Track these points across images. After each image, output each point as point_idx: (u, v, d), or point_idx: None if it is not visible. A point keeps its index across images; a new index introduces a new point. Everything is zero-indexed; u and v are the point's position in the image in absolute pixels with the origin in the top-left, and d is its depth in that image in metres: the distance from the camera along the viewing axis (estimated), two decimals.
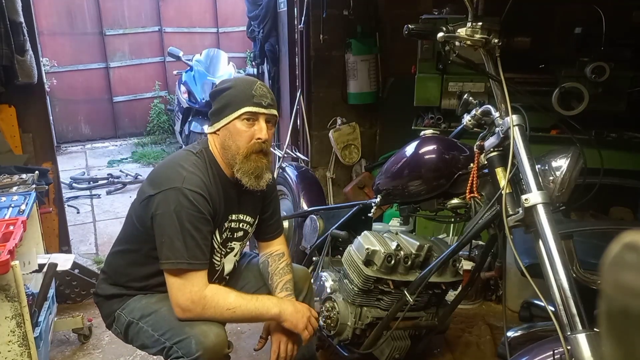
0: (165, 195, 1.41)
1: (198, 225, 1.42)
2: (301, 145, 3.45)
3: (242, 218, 1.63)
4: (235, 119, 1.48)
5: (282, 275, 1.67)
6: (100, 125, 6.37)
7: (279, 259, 1.72)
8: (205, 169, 1.50)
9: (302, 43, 3.25)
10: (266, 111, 1.49)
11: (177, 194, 1.40)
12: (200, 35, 6.64)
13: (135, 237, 1.53)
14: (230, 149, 1.50)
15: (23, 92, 2.64)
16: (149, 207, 1.44)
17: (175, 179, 1.42)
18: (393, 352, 1.77)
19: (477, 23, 1.42)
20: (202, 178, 1.46)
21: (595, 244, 1.77)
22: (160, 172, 1.51)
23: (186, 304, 1.41)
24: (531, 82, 2.40)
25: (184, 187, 1.40)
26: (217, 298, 1.43)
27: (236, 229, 1.63)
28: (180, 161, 1.49)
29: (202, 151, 1.54)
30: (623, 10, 2.42)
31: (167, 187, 1.41)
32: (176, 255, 1.40)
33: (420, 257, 1.73)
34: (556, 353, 1.13)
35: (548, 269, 1.19)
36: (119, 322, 1.57)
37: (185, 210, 1.40)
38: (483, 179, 1.56)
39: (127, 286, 1.57)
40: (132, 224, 1.54)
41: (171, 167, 1.49)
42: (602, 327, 0.66)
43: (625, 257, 0.61)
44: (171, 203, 1.40)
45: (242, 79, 1.57)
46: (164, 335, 1.45)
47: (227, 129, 1.50)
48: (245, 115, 1.47)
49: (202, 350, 1.36)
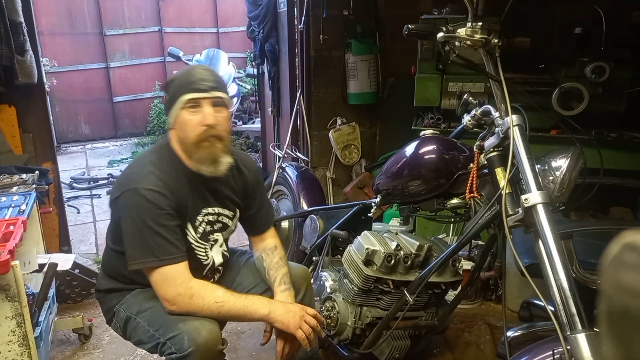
0: (124, 197, 1.43)
1: (161, 222, 1.42)
2: (301, 145, 3.45)
3: (219, 211, 1.61)
4: (180, 110, 1.45)
5: (277, 269, 1.66)
6: (101, 125, 6.38)
7: (272, 252, 1.72)
8: (165, 166, 1.49)
9: (302, 43, 3.25)
10: (208, 95, 1.45)
11: (134, 195, 1.41)
12: (200, 36, 6.65)
13: (116, 238, 1.53)
14: (184, 141, 1.48)
15: (23, 92, 2.64)
16: (114, 211, 1.49)
17: (132, 180, 1.44)
18: (393, 351, 1.77)
19: (477, 23, 1.42)
20: (159, 175, 1.45)
21: (595, 244, 1.78)
22: (123, 174, 1.53)
23: (173, 296, 1.42)
24: (531, 82, 2.40)
25: (140, 187, 1.41)
26: (205, 291, 1.44)
27: (214, 222, 1.61)
28: (140, 161, 1.52)
29: (162, 148, 1.54)
30: (623, 10, 2.42)
31: (125, 189, 1.43)
32: (143, 254, 1.41)
33: (420, 257, 1.73)
34: (556, 353, 1.13)
35: (548, 269, 1.19)
36: (119, 317, 1.57)
37: (144, 210, 1.40)
38: (483, 179, 1.56)
39: (123, 281, 1.58)
40: (112, 224, 1.56)
41: (131, 168, 1.52)
42: (601, 327, 0.66)
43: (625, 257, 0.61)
44: (130, 205, 1.42)
45: (186, 68, 1.53)
46: (158, 330, 1.45)
47: (177, 122, 1.48)
48: (188, 103, 1.44)
49: (195, 346, 1.36)
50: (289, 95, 3.57)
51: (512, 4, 1.62)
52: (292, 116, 3.33)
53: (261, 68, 4.28)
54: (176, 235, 1.45)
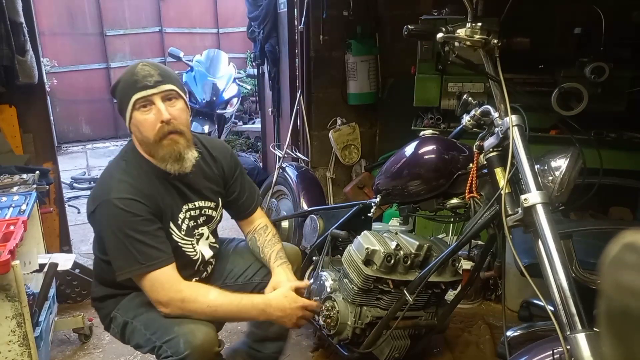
0: (99, 210, 1.42)
1: (140, 229, 1.40)
2: (301, 145, 3.45)
3: (200, 205, 1.59)
4: (133, 112, 1.42)
5: (272, 245, 1.67)
6: (101, 125, 6.38)
7: (264, 231, 1.72)
8: (135, 171, 1.47)
9: (302, 44, 3.25)
10: (156, 90, 1.39)
11: (108, 206, 1.39)
12: (200, 36, 6.65)
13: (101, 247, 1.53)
14: (144, 142, 1.46)
15: (24, 92, 2.64)
16: (93, 225, 1.48)
17: (104, 192, 1.42)
18: (393, 351, 1.77)
19: (477, 23, 1.42)
20: (130, 182, 1.43)
21: (594, 244, 1.77)
22: (96, 186, 1.53)
23: (165, 300, 1.41)
24: (530, 82, 2.40)
25: (112, 198, 1.39)
26: (196, 295, 1.42)
27: (197, 216, 1.59)
28: (110, 171, 1.50)
29: (128, 153, 1.52)
30: (623, 10, 2.42)
31: (99, 201, 1.42)
32: (128, 264, 1.40)
33: (419, 256, 1.73)
34: (555, 353, 1.13)
35: (547, 269, 1.19)
36: (116, 323, 1.57)
37: (121, 219, 1.38)
38: (482, 179, 1.57)
39: (117, 287, 1.57)
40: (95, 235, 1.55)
41: (103, 179, 1.51)
42: (601, 326, 0.66)
43: (624, 257, 0.61)
44: (105, 216, 1.41)
45: (128, 68, 1.46)
46: (154, 334, 1.44)
47: (133, 124, 1.44)
48: (138, 103, 1.40)
49: (190, 349, 1.35)
50: (289, 95, 3.57)
51: (511, 4, 1.63)
52: (292, 116, 3.33)
53: (261, 68, 4.28)
54: (158, 238, 1.43)
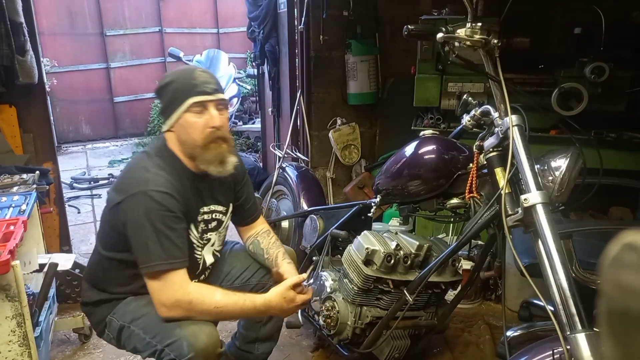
0: (132, 200, 1.40)
1: (171, 225, 1.40)
2: (301, 145, 3.45)
3: (214, 209, 1.61)
4: (184, 113, 1.45)
5: (276, 247, 1.71)
6: (101, 125, 6.38)
7: (268, 235, 1.75)
8: (168, 167, 1.48)
9: (302, 44, 3.25)
10: (213, 97, 1.46)
11: (144, 198, 1.38)
12: (200, 36, 6.65)
13: (111, 244, 1.52)
14: (188, 143, 1.48)
15: (24, 92, 2.64)
16: (118, 215, 1.44)
17: (140, 183, 1.41)
18: (393, 351, 1.77)
19: (477, 23, 1.42)
20: (167, 177, 1.44)
21: (594, 244, 1.77)
22: (124, 178, 1.50)
23: (171, 302, 1.39)
24: (531, 82, 2.40)
25: (150, 190, 1.39)
26: (203, 296, 1.42)
27: (209, 220, 1.60)
28: (143, 164, 1.48)
29: (161, 150, 1.52)
30: (623, 10, 2.42)
31: (133, 191, 1.40)
32: (153, 258, 1.38)
33: (419, 256, 1.74)
34: (555, 353, 1.13)
35: (547, 269, 1.19)
36: (111, 328, 1.54)
37: (155, 212, 1.38)
38: (482, 179, 1.57)
39: (112, 291, 1.56)
40: (106, 231, 1.53)
41: (134, 171, 1.48)
42: (601, 326, 0.66)
43: (624, 257, 0.61)
44: (140, 207, 1.39)
45: (182, 70, 1.52)
46: (155, 337, 1.43)
47: (179, 124, 1.47)
48: (193, 106, 1.44)
49: (194, 351, 1.34)
50: (289, 95, 3.57)
51: (511, 4, 1.63)
52: (292, 116, 3.33)
53: (261, 68, 4.28)
54: (183, 239, 1.45)
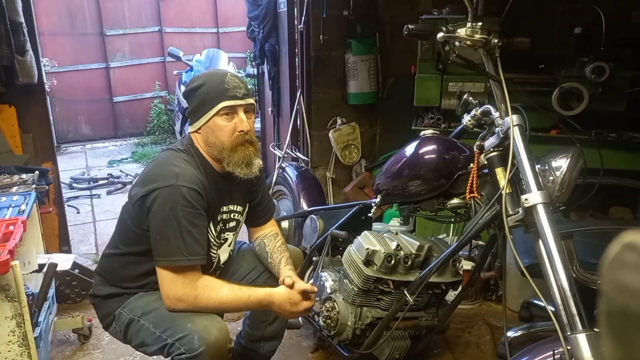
0: (160, 193, 1.41)
1: (195, 221, 1.43)
2: (301, 145, 3.45)
3: (233, 209, 1.65)
4: (214, 116, 1.49)
5: (281, 252, 1.72)
6: (101, 125, 6.37)
7: (274, 238, 1.77)
8: (195, 165, 1.51)
9: (302, 43, 3.25)
10: (243, 102, 1.50)
11: (172, 192, 1.40)
12: (200, 36, 6.64)
13: (131, 239, 1.54)
14: (215, 145, 1.52)
15: (23, 92, 2.64)
16: (143, 207, 1.45)
17: (169, 177, 1.43)
18: (393, 352, 1.77)
19: (477, 23, 1.42)
20: (194, 173, 1.47)
21: (595, 244, 1.77)
22: (152, 172, 1.51)
23: (178, 295, 1.42)
24: (531, 82, 2.40)
25: (179, 184, 1.41)
26: (209, 291, 1.45)
27: (228, 220, 1.64)
28: (171, 159, 1.50)
29: (188, 148, 1.55)
30: (623, 10, 2.42)
31: (162, 185, 1.42)
32: (174, 252, 1.40)
33: (420, 257, 1.73)
34: (556, 353, 1.13)
35: (548, 269, 1.19)
36: (119, 321, 1.56)
37: (180, 207, 1.40)
38: (483, 179, 1.56)
39: (125, 286, 1.58)
40: (126, 227, 1.54)
41: (162, 166, 1.49)
42: (602, 327, 0.66)
43: (625, 257, 0.61)
44: (167, 201, 1.40)
45: (212, 74, 1.55)
46: (165, 332, 1.44)
47: (207, 127, 1.51)
48: (223, 110, 1.48)
49: (205, 345, 1.36)
50: (289, 95, 3.57)
51: (512, 4, 1.62)
52: (292, 116, 3.33)
53: (261, 68, 4.28)
54: (204, 236, 1.48)
